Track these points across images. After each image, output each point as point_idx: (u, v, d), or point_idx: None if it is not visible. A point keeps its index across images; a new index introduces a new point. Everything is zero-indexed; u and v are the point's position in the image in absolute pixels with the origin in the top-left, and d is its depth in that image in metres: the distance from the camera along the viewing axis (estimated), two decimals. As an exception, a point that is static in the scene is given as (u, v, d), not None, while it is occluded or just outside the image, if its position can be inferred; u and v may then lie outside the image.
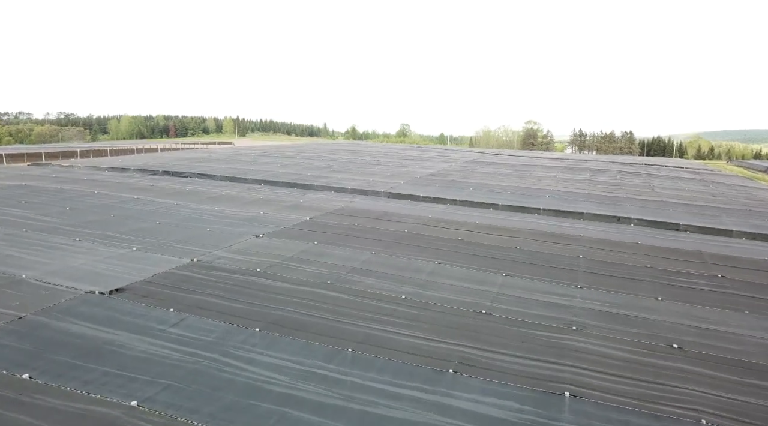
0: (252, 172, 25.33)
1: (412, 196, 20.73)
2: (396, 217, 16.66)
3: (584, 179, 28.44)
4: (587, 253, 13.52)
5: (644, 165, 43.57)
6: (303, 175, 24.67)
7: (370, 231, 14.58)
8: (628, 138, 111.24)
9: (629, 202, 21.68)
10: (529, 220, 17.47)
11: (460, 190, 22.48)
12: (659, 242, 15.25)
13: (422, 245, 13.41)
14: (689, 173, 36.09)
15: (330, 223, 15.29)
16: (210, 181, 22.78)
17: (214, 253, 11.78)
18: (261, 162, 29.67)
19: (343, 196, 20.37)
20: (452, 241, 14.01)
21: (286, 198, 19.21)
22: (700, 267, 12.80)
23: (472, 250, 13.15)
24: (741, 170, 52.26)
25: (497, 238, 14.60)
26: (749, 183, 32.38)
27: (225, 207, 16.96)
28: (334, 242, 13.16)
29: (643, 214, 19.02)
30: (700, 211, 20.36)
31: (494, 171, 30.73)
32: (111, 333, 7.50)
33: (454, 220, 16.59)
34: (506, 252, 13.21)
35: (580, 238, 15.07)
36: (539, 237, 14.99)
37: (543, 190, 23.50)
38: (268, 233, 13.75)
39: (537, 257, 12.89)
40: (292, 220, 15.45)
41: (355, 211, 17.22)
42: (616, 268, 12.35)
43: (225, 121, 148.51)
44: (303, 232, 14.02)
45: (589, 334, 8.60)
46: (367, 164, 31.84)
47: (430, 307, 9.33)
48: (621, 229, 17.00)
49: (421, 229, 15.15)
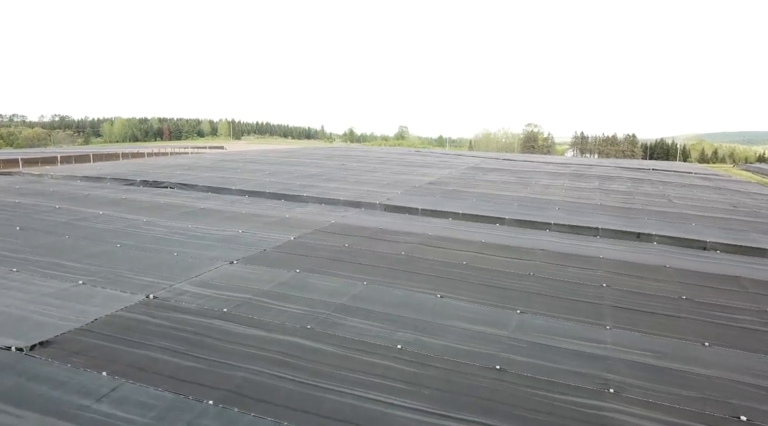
0: (237, 181, 23.55)
1: (411, 209, 18.97)
2: (392, 235, 14.90)
3: (594, 187, 26.72)
4: (611, 280, 11.77)
5: (652, 170, 41.94)
6: (292, 185, 22.89)
7: (363, 254, 12.82)
8: (630, 141, 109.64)
9: (646, 214, 19.95)
10: (540, 237, 15.71)
11: (462, 201, 20.73)
12: (689, 264, 13.51)
13: (422, 272, 11.65)
14: (701, 179, 34.41)
15: (317, 244, 13.52)
16: (189, 193, 21.00)
17: (176, 286, 10.00)
18: (249, 169, 27.90)
19: (334, 210, 18.60)
20: (456, 265, 12.26)
21: (271, 212, 17.43)
22: (743, 298, 11.05)
23: (479, 278, 11.39)
24: (750, 175, 50.62)
25: (507, 261, 12.84)
26: (766, 191, 30.70)
27: (200, 224, 15.18)
28: (321, 269, 11.38)
29: (665, 229, 17.28)
30: (724, 224, 18.63)
31: (497, 178, 29.00)
32: (12, 415, 5.71)
33: (458, 238, 14.83)
34: (519, 280, 11.45)
35: (599, 261, 13.32)
36: (554, 259, 13.24)
37: (551, 201, 21.75)
38: (244, 258, 11.97)
39: (555, 286, 11.14)
40: (275, 240, 13.67)
41: (347, 228, 15.45)
42: (646, 300, 10.60)
43: (220, 124, 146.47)
44: (285, 257, 12.25)
45: (631, 399, 6.84)
46: (362, 171, 30.09)
47: (433, 361, 7.56)
48: (643, 247, 15.25)
49: (420, 250, 13.39)
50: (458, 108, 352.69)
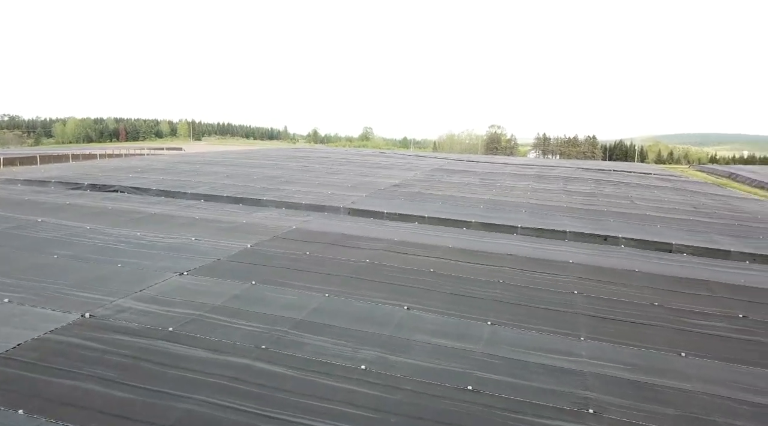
0: (193, 184, 22.42)
1: (376, 213, 18.33)
2: (356, 241, 14.22)
3: (558, 189, 26.68)
4: (581, 286, 11.41)
5: (612, 171, 42.55)
6: (251, 188, 21.92)
7: (325, 262, 12.09)
8: (591, 142, 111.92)
9: (611, 216, 19.87)
10: (507, 242, 15.31)
11: (428, 204, 20.22)
12: (657, 268, 13.31)
13: (388, 281, 11.02)
14: (660, 180, 34.98)
15: (276, 252, 12.72)
16: (141, 197, 19.80)
17: (117, 302, 9.07)
18: (206, 171, 26.72)
19: (295, 214, 17.78)
20: (423, 273, 11.68)
21: (227, 217, 16.49)
22: (714, 303, 10.84)
23: (447, 287, 10.84)
24: (705, 176, 52.07)
25: (475, 267, 12.34)
26: (724, 191, 31.38)
27: (150, 231, 14.15)
28: (279, 280, 10.61)
29: (631, 231, 17.16)
30: (687, 226, 18.69)
31: (462, 180, 28.67)
32: None
33: (424, 244, 14.27)
34: (488, 288, 10.95)
35: (569, 266, 12.98)
36: (523, 265, 12.83)
37: (517, 204, 21.49)
38: (195, 269, 11.08)
39: (525, 295, 10.68)
40: (230, 248, 12.80)
41: (308, 235, 14.69)
42: (618, 307, 10.26)
43: (180, 125, 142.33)
44: (240, 267, 11.42)
45: (612, 420, 6.37)
46: (325, 173, 29.29)
47: (400, 383, 6.93)
48: (610, 251, 15.04)
49: (385, 257, 12.76)
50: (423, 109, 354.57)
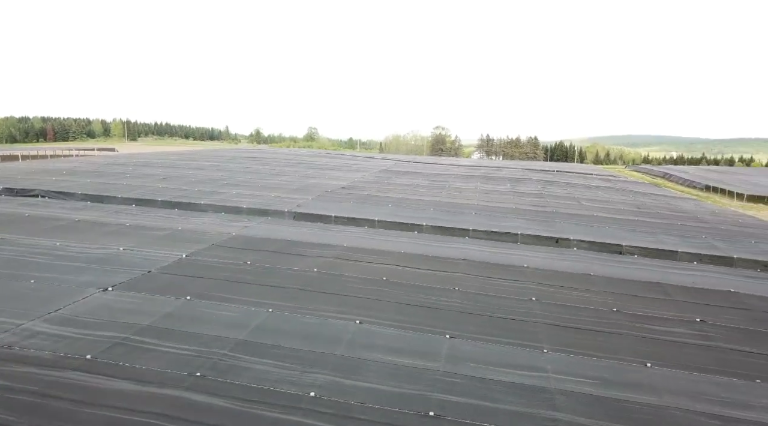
0: (125, 188, 20.80)
1: (323, 217, 17.48)
2: (304, 248, 13.35)
3: (506, 190, 26.68)
4: (539, 292, 11.03)
5: (556, 172, 43.41)
6: (188, 192, 20.54)
7: (269, 273, 11.17)
8: (533, 143, 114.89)
9: (560, 217, 19.88)
10: (461, 246, 14.85)
11: (378, 208, 19.56)
12: (611, 271, 13.18)
13: (338, 292, 10.24)
14: (602, 181, 35.88)
15: (214, 262, 11.67)
16: (64, 202, 18.10)
17: (25, 326, 7.86)
18: (140, 174, 24.99)
19: (236, 220, 16.67)
20: (376, 282, 10.97)
21: (161, 224, 15.21)
22: (670, 307, 10.71)
23: (402, 296, 10.18)
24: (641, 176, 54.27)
25: (430, 274, 11.75)
26: (663, 191, 32.46)
27: (72, 241, 12.75)
28: (217, 295, 9.63)
29: (581, 233, 17.12)
30: (633, 227, 18.91)
31: (411, 182, 28.22)
32: None
33: (376, 250, 13.57)
34: (444, 296, 10.37)
35: (524, 271, 12.62)
36: (478, 270, 12.36)
37: (467, 206, 21.18)
38: (122, 284, 9.92)
39: (483, 303, 10.18)
40: (163, 258, 11.65)
41: (250, 242, 13.68)
42: (578, 314, 9.92)
43: (113, 124, 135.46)
44: (174, 280, 10.33)
45: (585, 443, 5.89)
46: (269, 175, 28.11)
47: (354, 411, 6.19)
48: (564, 254, 14.85)
49: (335, 265, 11.97)
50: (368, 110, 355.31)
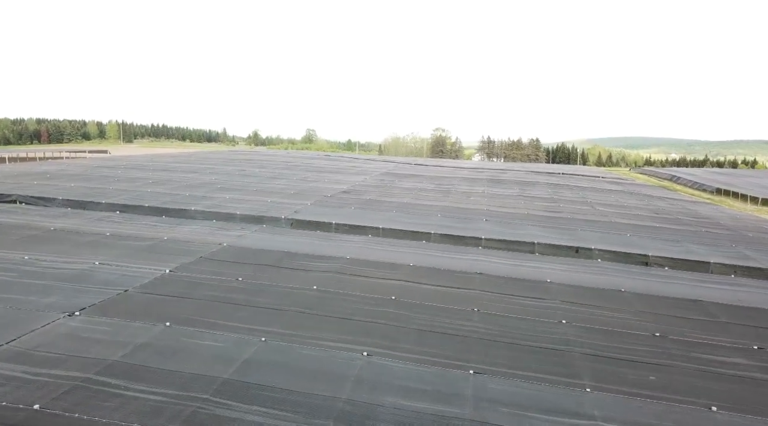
0: (111, 192, 19.45)
1: (323, 225, 16.16)
2: (302, 260, 12.03)
3: (515, 194, 25.38)
4: (568, 313, 9.73)
5: (561, 174, 42.22)
6: (179, 196, 19.20)
7: (263, 291, 9.85)
8: (534, 145, 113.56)
9: (576, 224, 18.59)
10: (474, 257, 13.54)
11: (382, 214, 18.25)
12: (642, 286, 11.89)
13: (341, 314, 8.93)
14: (611, 183, 34.63)
15: (201, 278, 10.34)
16: (43, 209, 16.75)
17: (-34, 364, 6.51)
18: (129, 177, 23.64)
19: (228, 227, 15.34)
20: (384, 302, 9.66)
21: (146, 233, 13.87)
22: (719, 331, 9.41)
23: (415, 320, 8.87)
24: (647, 178, 53.03)
25: (444, 292, 10.44)
26: (676, 195, 31.21)
27: (43, 254, 11.42)
28: (202, 319, 8.31)
29: (602, 241, 15.83)
30: (655, 234, 17.63)
31: (415, 185, 26.91)
32: None
33: (382, 262, 12.26)
34: (463, 320, 9.07)
35: (548, 286, 11.32)
36: (497, 286, 11.05)
37: (477, 211, 19.88)
38: (93, 307, 8.58)
39: (508, 328, 8.87)
40: (143, 274, 10.32)
41: (243, 254, 12.36)
42: (617, 341, 8.62)
43: (109, 126, 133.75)
44: (153, 301, 9.00)
45: None
46: (266, 178, 26.78)
47: (367, 484, 4.87)
48: (587, 266, 13.55)
49: (337, 281, 10.65)
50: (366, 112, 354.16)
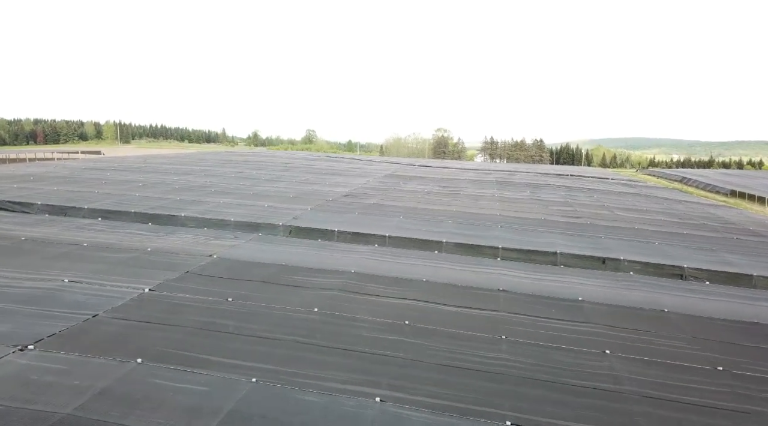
0: (96, 196, 18.08)
1: (324, 232, 14.78)
2: (301, 275, 10.65)
3: (527, 198, 24.01)
4: (611, 340, 8.36)
5: (570, 176, 40.90)
6: (168, 201, 17.81)
7: (256, 315, 8.47)
8: (538, 145, 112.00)
9: (598, 230, 17.22)
10: (493, 270, 12.16)
11: (387, 220, 16.87)
12: (686, 304, 10.51)
13: (347, 346, 7.55)
14: (623, 186, 33.26)
15: (185, 299, 8.96)
16: (18, 215, 15.36)
17: None
18: (117, 180, 22.27)
19: (220, 236, 13.95)
20: (397, 328, 8.29)
21: (128, 242, 12.49)
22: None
23: (434, 354, 7.49)
24: (657, 180, 51.70)
25: (465, 315, 9.06)
26: (693, 198, 29.84)
27: (7, 269, 10.04)
28: (181, 353, 6.92)
29: (629, 250, 14.46)
30: (685, 242, 16.26)
31: (420, 188, 25.53)
32: None
33: (391, 277, 10.88)
34: (490, 351, 7.69)
35: (581, 306, 9.94)
36: (524, 307, 9.67)
37: (490, 217, 18.51)
38: (51, 338, 7.20)
39: (544, 361, 7.49)
40: (119, 294, 8.94)
41: (235, 268, 10.97)
42: (675, 378, 7.24)
43: (105, 126, 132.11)
44: (125, 331, 7.61)
45: None
46: (263, 180, 25.41)
47: None
48: (619, 280, 12.17)
49: (342, 302, 9.27)
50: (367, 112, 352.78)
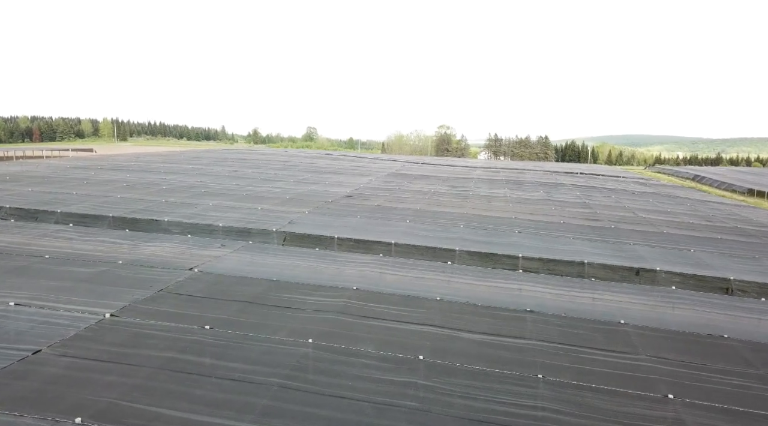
0: (72, 198, 16.53)
1: (323, 239, 13.24)
2: (294, 294, 9.10)
3: (542, 198, 22.42)
4: (670, 379, 6.82)
5: (580, 174, 39.37)
6: (153, 204, 16.25)
7: (236, 347, 6.92)
8: (543, 143, 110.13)
9: (624, 235, 15.65)
10: (515, 284, 10.61)
11: (393, 224, 15.31)
12: (746, 329, 8.99)
13: (347, 392, 6.01)
14: (639, 185, 31.66)
15: (151, 328, 7.40)
16: (-20, 220, 13.85)
17: None
18: (101, 180, 20.72)
19: (206, 244, 12.39)
20: (409, 368, 6.74)
21: (99, 253, 10.93)
22: None
23: (458, 403, 5.95)
24: (668, 178, 50.09)
25: (491, 346, 7.51)
26: (711, 197, 28.23)
27: (-55, 288, 8.49)
28: (134, 408, 5.38)
29: (663, 259, 12.90)
30: (721, 248, 14.69)
31: (427, 188, 23.95)
32: None
33: (399, 295, 9.33)
34: (526, 396, 6.15)
35: (625, 331, 8.40)
36: (559, 334, 8.12)
37: (505, 221, 16.95)
38: (-31, 388, 5.65)
39: (592, 413, 5.95)
40: (71, 322, 7.39)
41: (218, 284, 9.42)
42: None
43: (102, 124, 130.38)
44: (68, 373, 6.06)
45: None
46: (259, 180, 23.84)
47: None
48: (660, 296, 10.59)
49: (341, 329, 7.72)
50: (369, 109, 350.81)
